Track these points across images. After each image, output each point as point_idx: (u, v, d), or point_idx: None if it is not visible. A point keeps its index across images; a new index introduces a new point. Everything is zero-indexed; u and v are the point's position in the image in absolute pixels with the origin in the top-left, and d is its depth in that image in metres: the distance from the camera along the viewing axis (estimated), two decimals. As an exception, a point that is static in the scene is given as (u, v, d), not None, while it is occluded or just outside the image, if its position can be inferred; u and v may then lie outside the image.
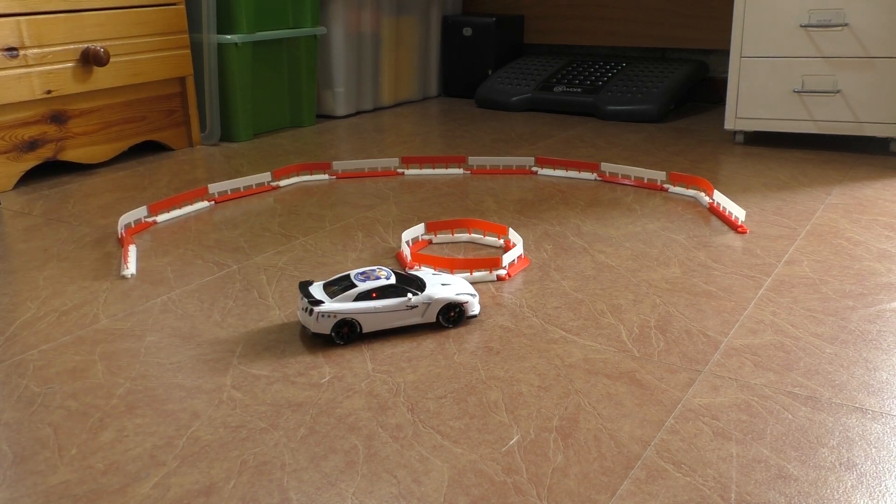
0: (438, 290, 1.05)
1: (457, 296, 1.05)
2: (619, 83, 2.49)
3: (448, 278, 1.09)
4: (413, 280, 1.06)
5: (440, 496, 0.72)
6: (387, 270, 1.05)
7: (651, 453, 0.78)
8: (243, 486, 0.74)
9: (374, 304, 1.01)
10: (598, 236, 1.39)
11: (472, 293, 1.06)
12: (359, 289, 1.01)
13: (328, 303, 1.00)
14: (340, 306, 1.00)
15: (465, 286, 1.07)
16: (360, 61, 2.55)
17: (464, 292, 1.06)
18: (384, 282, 1.02)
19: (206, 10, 2.06)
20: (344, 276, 1.05)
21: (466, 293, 1.06)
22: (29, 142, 1.75)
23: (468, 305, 1.05)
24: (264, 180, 1.72)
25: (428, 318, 1.04)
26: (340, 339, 1.00)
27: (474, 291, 1.08)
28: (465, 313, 1.05)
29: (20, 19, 1.69)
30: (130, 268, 1.25)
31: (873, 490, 0.72)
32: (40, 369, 0.96)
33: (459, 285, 1.07)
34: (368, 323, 1.01)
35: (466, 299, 1.05)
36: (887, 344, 0.99)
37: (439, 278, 1.09)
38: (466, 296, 1.05)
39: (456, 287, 1.07)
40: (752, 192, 1.64)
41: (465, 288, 1.07)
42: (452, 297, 1.04)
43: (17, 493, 0.73)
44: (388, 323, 1.02)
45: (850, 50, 1.88)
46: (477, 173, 1.82)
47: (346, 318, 1.00)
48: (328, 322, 0.99)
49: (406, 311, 1.03)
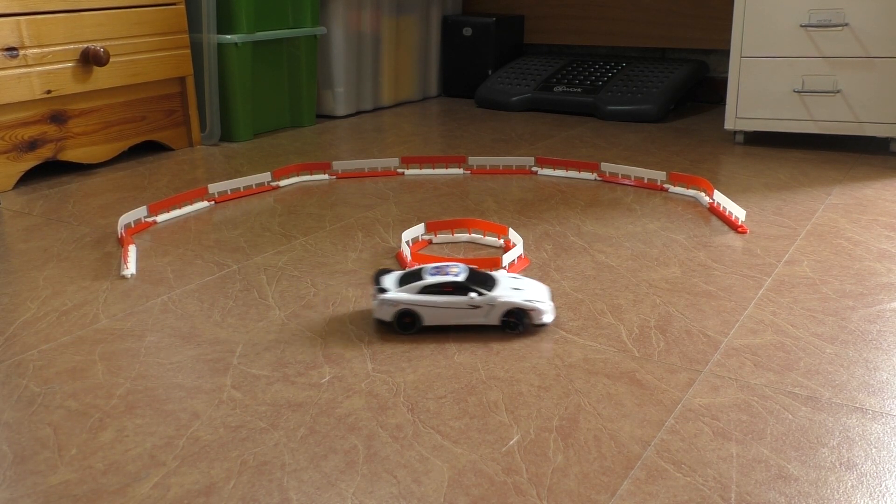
0: (506, 292, 1.02)
1: (524, 301, 1.01)
2: (618, 83, 2.49)
3: (525, 283, 1.06)
4: (484, 280, 1.04)
5: (440, 496, 0.72)
6: (462, 268, 1.05)
7: (651, 453, 0.78)
8: (243, 486, 0.74)
9: (435, 299, 1.02)
10: (598, 236, 1.39)
11: (543, 300, 1.03)
12: (424, 282, 1.02)
13: (393, 292, 1.02)
14: (402, 296, 1.02)
15: (538, 292, 1.04)
16: (360, 61, 2.55)
17: (534, 298, 1.02)
18: (451, 279, 1.02)
19: (206, 10, 2.06)
20: (419, 268, 1.06)
21: (536, 299, 1.02)
22: (29, 142, 1.75)
23: (535, 312, 1.02)
24: (264, 180, 1.72)
25: (491, 321, 1.02)
26: (402, 329, 1.02)
27: (548, 298, 1.04)
28: (531, 320, 1.02)
29: (20, 19, 1.69)
30: (130, 268, 1.25)
31: (873, 490, 0.72)
32: (40, 369, 0.96)
33: (532, 290, 1.04)
34: (429, 316, 1.02)
35: (534, 306, 1.01)
36: (887, 344, 0.99)
37: (515, 282, 1.06)
38: (536, 302, 1.02)
39: (528, 292, 1.03)
40: (752, 192, 1.64)
41: (537, 294, 1.04)
42: (517, 302, 1.01)
43: (17, 493, 0.73)
44: (450, 319, 1.02)
45: (850, 50, 1.88)
46: (477, 173, 1.82)
47: (408, 309, 1.02)
48: (390, 310, 1.02)
49: (468, 309, 1.02)
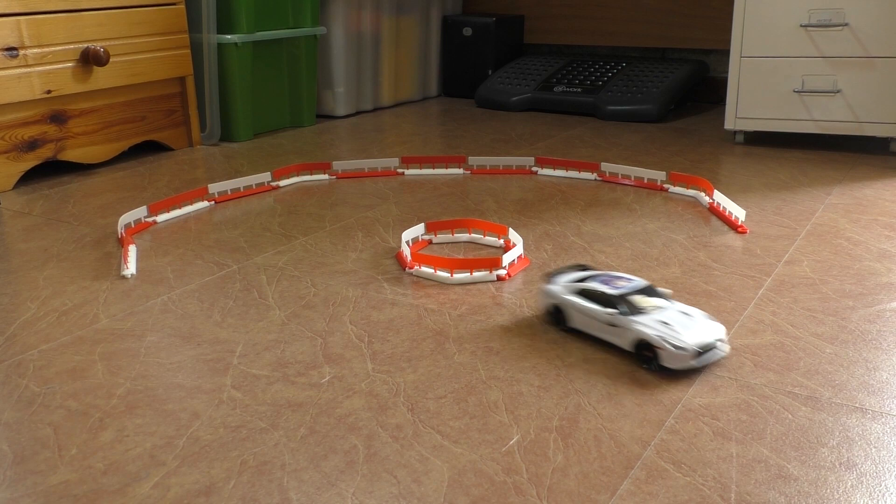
0: (647, 321, 0.93)
1: (654, 335, 0.91)
2: (619, 83, 2.49)
3: (688, 320, 0.94)
4: (644, 302, 0.96)
5: (440, 496, 0.72)
6: (636, 283, 0.99)
7: (651, 453, 0.78)
8: (243, 486, 0.74)
9: (583, 304, 0.99)
10: (598, 236, 1.39)
11: (684, 342, 0.90)
12: (581, 284, 1.01)
13: (555, 286, 1.03)
14: (557, 291, 1.02)
15: (691, 331, 0.92)
16: (360, 61, 2.55)
17: (672, 336, 0.91)
18: (606, 288, 0.98)
19: (206, 10, 2.06)
20: (601, 274, 1.03)
21: (675, 338, 0.91)
22: (29, 142, 1.75)
23: (663, 352, 0.91)
24: (264, 180, 1.72)
25: (624, 345, 0.95)
26: (554, 322, 1.03)
27: (697, 345, 0.91)
28: (659, 360, 0.91)
29: (20, 19, 1.69)
30: (130, 268, 1.25)
31: (873, 490, 0.72)
32: (40, 369, 0.96)
33: (685, 326, 0.92)
34: (577, 319, 1.00)
35: (663, 344, 0.91)
36: (887, 344, 0.99)
37: (679, 315, 0.95)
38: (670, 341, 0.90)
39: (674, 328, 0.92)
40: (752, 192, 1.64)
41: (688, 332, 0.92)
42: (647, 335, 0.92)
43: (17, 493, 0.73)
44: (592, 329, 0.98)
45: (850, 50, 1.88)
46: (477, 173, 1.82)
47: (558, 306, 1.02)
48: (544, 301, 1.04)
49: (607, 326, 0.96)
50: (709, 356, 0.92)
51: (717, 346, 0.93)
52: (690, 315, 0.96)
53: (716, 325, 0.95)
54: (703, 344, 0.92)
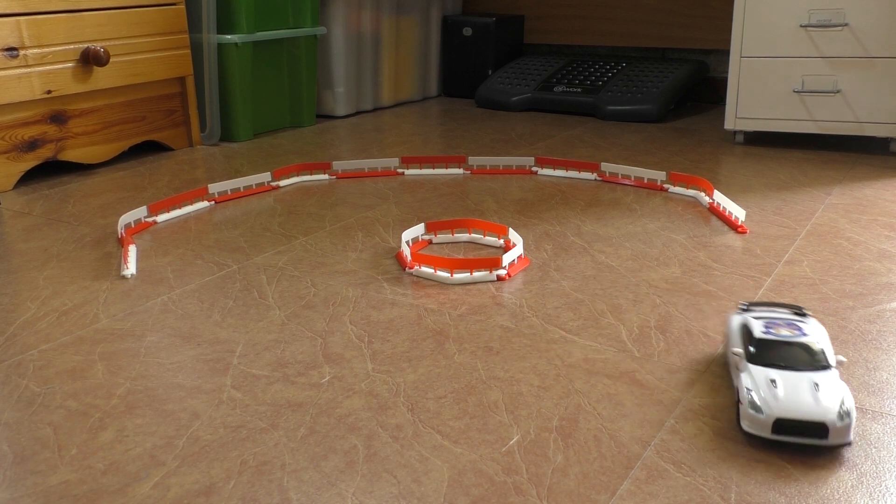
0: (760, 376, 0.79)
1: (744, 388, 0.78)
2: (619, 83, 2.49)
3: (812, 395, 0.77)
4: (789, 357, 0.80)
5: (440, 496, 0.72)
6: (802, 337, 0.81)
7: (651, 453, 0.78)
8: (243, 486, 0.74)
9: (735, 333, 0.85)
10: (598, 236, 1.39)
11: (758, 405, 0.77)
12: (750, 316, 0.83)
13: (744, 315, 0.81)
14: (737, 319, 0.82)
15: (795, 405, 0.76)
16: (360, 61, 2.55)
17: (756, 399, 0.77)
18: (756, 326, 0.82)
19: (206, 10, 2.06)
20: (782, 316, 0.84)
21: (757, 401, 0.77)
22: (29, 142, 1.75)
23: (741, 409, 0.78)
24: (264, 180, 1.72)
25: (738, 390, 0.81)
26: None
27: (771, 413, 0.76)
28: (739, 416, 0.80)
29: (20, 19, 1.69)
30: (130, 268, 1.25)
31: (873, 490, 0.72)
32: (40, 369, 0.96)
33: (796, 398, 0.76)
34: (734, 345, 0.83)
35: (742, 398, 0.78)
36: (887, 344, 0.99)
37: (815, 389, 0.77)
38: (748, 401, 0.77)
39: (781, 396, 0.76)
40: (752, 192, 1.64)
41: (777, 403, 0.76)
42: (739, 385, 0.80)
43: (17, 493, 0.73)
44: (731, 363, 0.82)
45: (850, 50, 1.88)
46: (477, 173, 1.82)
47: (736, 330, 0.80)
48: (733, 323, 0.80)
49: (734, 364, 0.82)
50: (804, 438, 0.75)
51: (824, 433, 0.74)
52: (819, 384, 0.77)
53: (839, 408, 0.75)
54: (793, 418, 0.75)
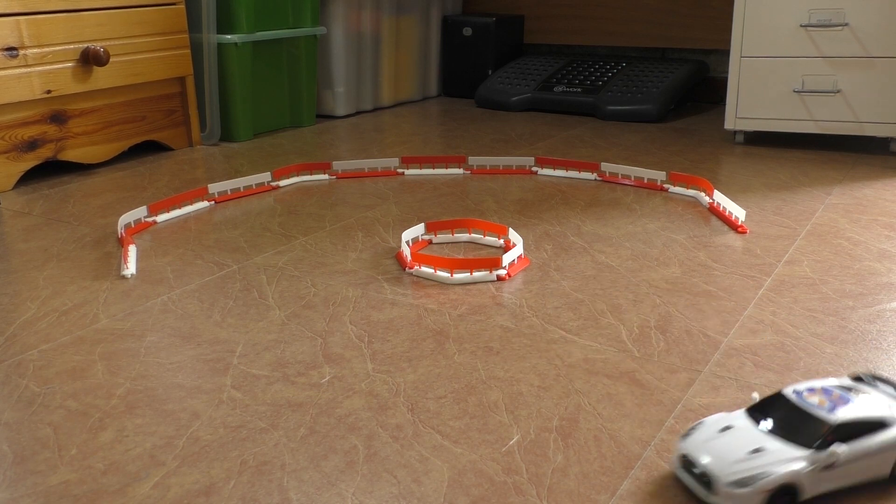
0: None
1: None
2: (619, 83, 2.49)
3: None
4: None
5: (440, 496, 0.72)
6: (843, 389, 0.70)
7: (651, 453, 0.78)
8: (243, 486, 0.74)
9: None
10: (598, 236, 1.39)
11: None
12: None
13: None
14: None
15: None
16: (360, 61, 2.55)
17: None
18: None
19: (206, 10, 2.06)
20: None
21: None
22: (29, 142, 1.75)
23: None
24: (264, 180, 1.72)
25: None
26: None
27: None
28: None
29: (20, 19, 1.69)
30: (130, 268, 1.25)
31: (873, 490, 0.72)
32: (40, 369, 0.96)
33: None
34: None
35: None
36: (887, 344, 0.99)
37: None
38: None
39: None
40: (752, 192, 1.64)
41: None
42: None
43: (17, 493, 0.73)
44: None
45: (850, 50, 1.88)
46: (477, 173, 1.82)
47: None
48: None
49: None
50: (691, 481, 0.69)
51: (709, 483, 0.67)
52: (765, 450, 0.68)
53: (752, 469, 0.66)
54: (691, 455, 0.69)
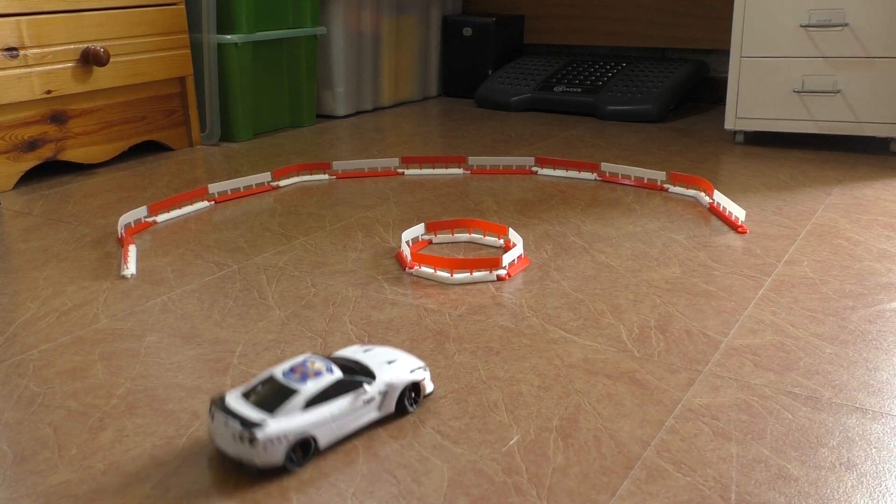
0: (390, 372, 0.85)
1: (411, 373, 0.86)
2: (619, 83, 2.49)
3: (389, 353, 0.89)
4: (356, 366, 0.85)
5: (440, 496, 0.72)
6: (320, 359, 0.82)
7: (651, 453, 0.78)
8: (243, 486, 0.74)
9: (328, 411, 0.78)
10: (598, 236, 1.39)
11: (422, 366, 0.87)
12: (304, 393, 0.77)
13: (272, 421, 0.75)
14: (291, 423, 0.75)
15: (412, 360, 0.88)
16: (360, 61, 2.55)
17: (416, 367, 0.87)
18: (329, 377, 0.79)
19: (206, 10, 2.06)
20: (267, 377, 0.80)
21: (418, 368, 0.87)
22: (29, 142, 1.75)
23: (424, 383, 0.87)
24: (264, 180, 1.72)
25: (387, 410, 0.84)
26: (295, 465, 0.77)
27: (423, 363, 0.89)
28: (422, 392, 0.87)
29: (20, 19, 1.69)
30: (130, 268, 1.25)
31: (873, 490, 0.72)
32: (40, 369, 0.96)
33: (406, 361, 0.88)
34: (325, 435, 0.78)
35: (422, 376, 0.86)
36: (887, 344, 0.99)
37: (380, 355, 0.88)
38: (420, 371, 0.87)
39: (405, 363, 0.87)
40: (752, 192, 1.64)
41: (413, 362, 0.88)
42: (410, 378, 0.85)
43: (17, 493, 0.73)
44: (346, 428, 0.80)
45: (850, 50, 1.88)
46: (477, 173, 1.82)
47: (302, 437, 0.76)
48: (279, 448, 0.74)
49: (363, 407, 0.81)
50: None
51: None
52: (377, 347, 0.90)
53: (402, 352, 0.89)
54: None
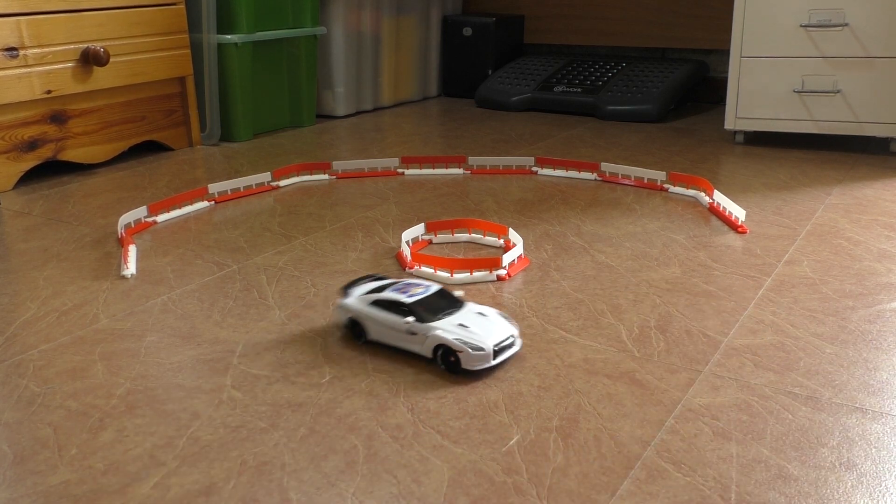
0: (446, 326, 0.94)
1: (453, 339, 0.92)
2: (619, 83, 2.49)
3: (485, 321, 0.96)
4: (439, 307, 0.97)
5: (440, 496, 0.72)
6: (427, 289, 0.99)
7: (651, 453, 0.78)
8: (243, 486, 0.74)
9: (378, 314, 0.97)
10: (598, 236, 1.39)
11: (483, 343, 0.91)
12: (375, 295, 0.99)
13: (350, 299, 1.01)
14: (353, 305, 1.00)
15: (491, 332, 0.93)
16: (360, 61, 2.55)
17: (472, 340, 0.92)
18: (399, 296, 0.97)
19: (206, 10, 2.06)
20: (390, 282, 1.02)
21: (474, 341, 0.91)
22: (29, 142, 1.75)
23: (463, 356, 0.91)
24: (264, 180, 1.72)
25: (425, 352, 0.94)
26: (354, 337, 1.01)
27: (494, 344, 0.92)
28: (461, 363, 0.92)
29: (20, 19, 1.69)
30: (130, 268, 1.25)
31: (873, 490, 0.72)
32: (40, 369, 0.96)
33: (483, 329, 0.93)
34: (374, 331, 0.98)
35: (462, 347, 0.91)
36: (887, 344, 0.99)
37: (476, 317, 0.96)
38: (469, 344, 0.91)
39: (474, 330, 0.93)
40: (752, 192, 1.64)
41: (486, 334, 0.93)
42: (446, 340, 0.92)
43: (17, 493, 0.73)
44: (390, 339, 0.97)
45: (850, 50, 1.88)
46: (477, 173, 1.82)
47: (355, 318, 1.00)
48: (343, 314, 1.01)
49: (406, 334, 0.95)
50: (506, 354, 0.94)
51: (513, 343, 0.95)
52: (485, 315, 0.97)
53: (509, 323, 0.97)
54: (499, 342, 0.93)
